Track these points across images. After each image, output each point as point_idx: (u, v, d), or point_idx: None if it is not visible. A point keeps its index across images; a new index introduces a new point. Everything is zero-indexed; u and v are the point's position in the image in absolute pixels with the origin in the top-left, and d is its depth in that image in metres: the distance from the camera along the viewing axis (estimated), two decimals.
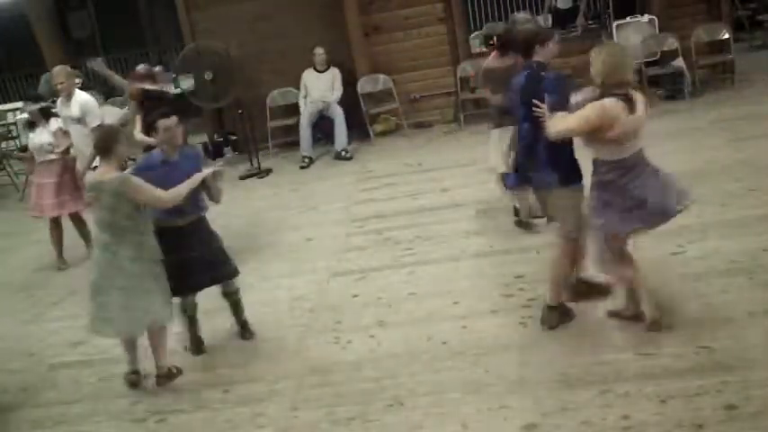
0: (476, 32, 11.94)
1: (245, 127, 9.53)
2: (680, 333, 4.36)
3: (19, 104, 12.86)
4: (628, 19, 9.67)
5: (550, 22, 11.96)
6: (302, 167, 9.21)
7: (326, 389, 4.45)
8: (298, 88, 9.82)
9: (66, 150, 6.88)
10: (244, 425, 4.26)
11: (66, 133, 6.90)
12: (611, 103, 4.03)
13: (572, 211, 4.46)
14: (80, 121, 6.79)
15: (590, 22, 11.31)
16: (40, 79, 12.18)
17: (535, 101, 4.22)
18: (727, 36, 9.50)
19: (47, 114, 6.99)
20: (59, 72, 6.99)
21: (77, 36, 10.82)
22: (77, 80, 10.71)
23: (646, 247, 5.29)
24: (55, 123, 6.96)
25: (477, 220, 6.58)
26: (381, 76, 9.98)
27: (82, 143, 6.67)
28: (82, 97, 6.87)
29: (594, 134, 4.08)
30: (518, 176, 4.91)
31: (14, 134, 12.06)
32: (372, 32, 10.08)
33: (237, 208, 5.94)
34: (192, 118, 12.15)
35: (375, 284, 5.68)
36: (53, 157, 6.88)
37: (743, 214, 5.72)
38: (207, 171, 4.81)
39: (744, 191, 6.11)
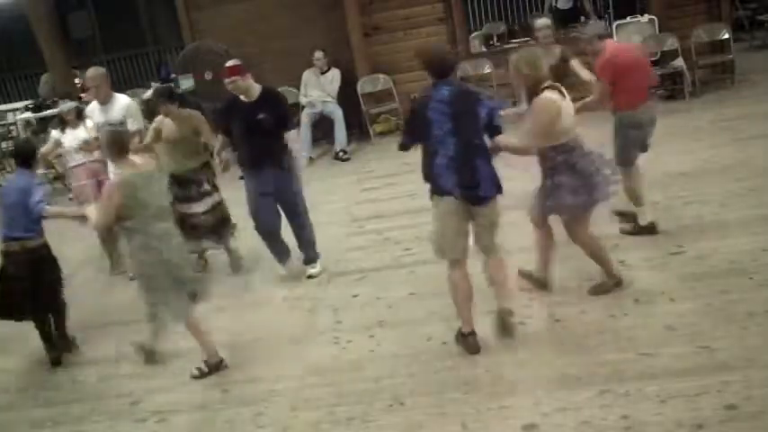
0: (476, 32, 11.98)
1: None
2: (680, 333, 4.37)
3: (19, 104, 12.88)
4: (628, 19, 9.67)
5: (550, 22, 11.98)
6: None
7: (326, 389, 4.45)
8: (298, 88, 9.81)
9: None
10: (244, 425, 4.26)
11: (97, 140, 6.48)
12: (551, 95, 4.53)
13: (498, 222, 4.49)
14: (121, 125, 6.13)
15: (590, 21, 11.32)
16: (40, 79, 12.21)
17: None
18: (727, 36, 9.50)
19: (80, 115, 6.60)
20: (96, 75, 6.43)
21: (77, 36, 10.81)
22: (77, 80, 10.76)
23: (646, 246, 5.31)
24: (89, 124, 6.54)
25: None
26: (381, 76, 9.98)
27: None
28: (124, 100, 6.44)
29: (551, 127, 4.55)
30: (462, 193, 4.35)
31: (14, 134, 12.05)
32: (372, 32, 10.07)
33: (237, 208, 5.93)
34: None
35: (375, 284, 5.68)
36: (92, 157, 6.43)
37: (743, 214, 5.72)
38: None
39: (744, 191, 6.11)
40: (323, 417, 4.17)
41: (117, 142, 4.73)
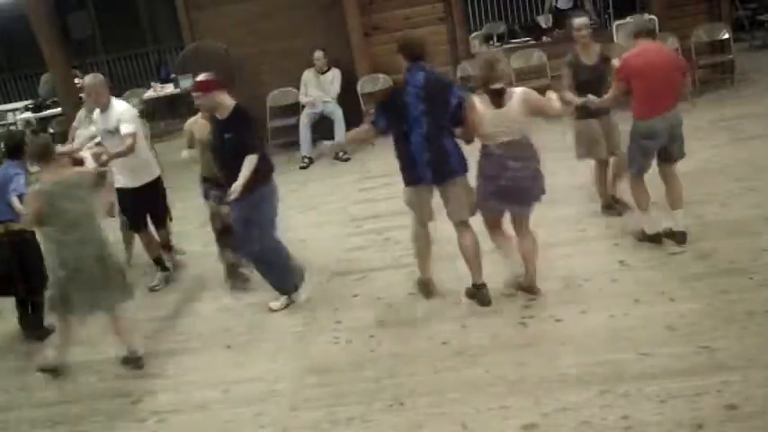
0: (476, 32, 11.98)
1: None
2: (680, 333, 4.37)
3: (19, 104, 12.89)
4: (628, 19, 9.65)
5: (551, 21, 12.00)
6: (302, 168, 9.20)
7: (326, 389, 4.45)
8: (298, 88, 9.81)
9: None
10: (244, 425, 4.26)
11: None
12: (474, 99, 4.83)
13: (471, 195, 5.00)
14: (117, 131, 5.92)
15: (591, 21, 11.32)
16: (40, 79, 12.23)
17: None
18: (727, 36, 9.49)
19: None
20: (91, 84, 6.06)
21: (77, 36, 10.80)
22: (76, 80, 10.76)
23: (646, 246, 5.31)
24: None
25: (477, 220, 6.57)
26: (381, 76, 9.96)
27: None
28: (120, 107, 6.03)
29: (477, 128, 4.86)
30: (430, 172, 4.87)
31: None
32: (372, 32, 10.06)
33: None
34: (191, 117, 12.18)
35: (375, 284, 5.68)
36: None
37: (743, 214, 5.72)
38: None
39: (744, 191, 6.11)
40: (323, 417, 4.17)
41: (40, 150, 4.93)
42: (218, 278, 6.24)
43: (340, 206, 7.54)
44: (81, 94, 10.10)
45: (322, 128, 9.74)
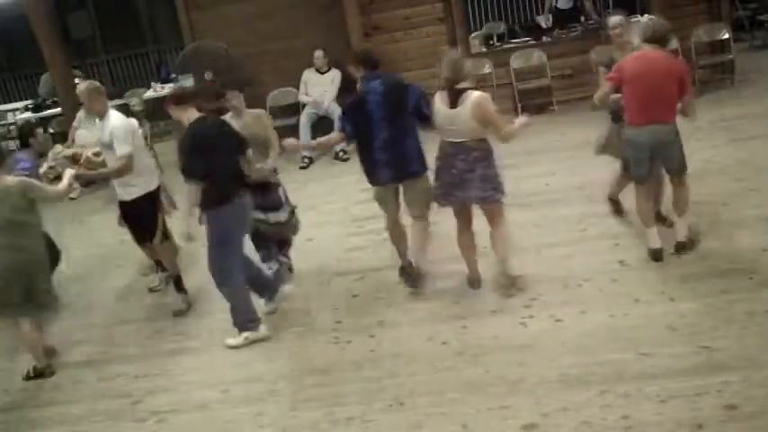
0: (476, 32, 11.97)
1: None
2: (680, 333, 4.37)
3: (19, 104, 12.88)
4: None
5: (551, 21, 11.99)
6: (302, 167, 9.19)
7: (326, 389, 4.45)
8: (298, 88, 9.81)
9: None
10: (244, 425, 4.26)
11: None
12: (436, 97, 5.02)
13: (429, 194, 5.24)
14: (111, 146, 5.60)
15: (591, 21, 11.31)
16: (41, 79, 12.22)
17: None
18: (727, 36, 9.49)
19: None
20: (83, 91, 5.81)
21: (77, 36, 10.79)
22: (76, 80, 10.75)
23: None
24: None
25: (477, 220, 6.57)
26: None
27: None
28: (113, 122, 5.60)
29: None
30: (391, 172, 5.19)
31: (14, 134, 12.05)
32: (372, 32, 10.06)
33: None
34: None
35: (375, 284, 5.68)
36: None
37: (743, 214, 5.72)
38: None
39: (744, 191, 6.11)
40: (323, 417, 4.17)
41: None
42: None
43: (340, 206, 7.54)
44: None
45: (322, 127, 9.74)
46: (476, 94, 4.89)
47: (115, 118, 5.61)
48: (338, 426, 4.09)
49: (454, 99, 4.87)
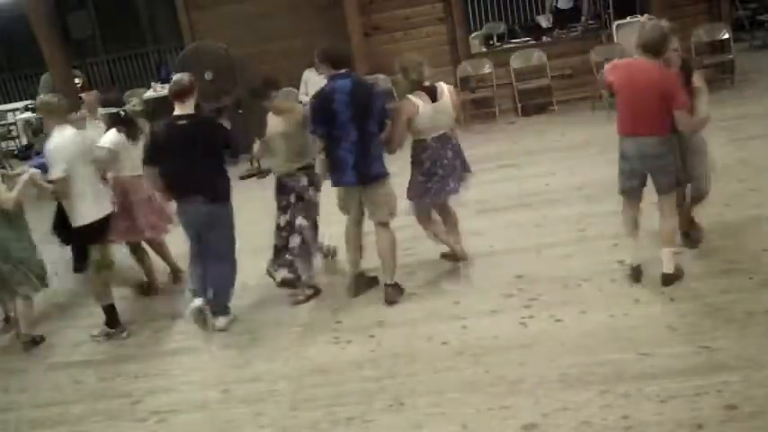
0: (476, 32, 11.98)
1: (245, 127, 9.51)
2: (680, 333, 4.37)
3: (19, 104, 12.89)
4: (628, 19, 9.67)
5: (551, 21, 11.99)
6: None
7: (326, 389, 4.45)
8: (298, 88, 9.81)
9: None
10: (244, 425, 4.26)
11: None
12: (408, 99, 5.14)
13: (392, 197, 5.29)
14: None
15: (590, 21, 11.31)
16: (41, 79, 12.21)
17: None
18: (727, 36, 9.50)
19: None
20: (40, 105, 5.68)
21: (77, 36, 10.79)
22: (77, 80, 10.74)
23: (646, 246, 5.30)
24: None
25: (478, 220, 6.58)
26: (381, 76, 9.97)
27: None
28: (53, 140, 5.30)
29: (410, 125, 5.15)
30: (355, 174, 5.16)
31: (14, 134, 12.06)
32: (372, 32, 10.07)
33: (237, 208, 5.92)
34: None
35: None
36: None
37: (743, 214, 5.72)
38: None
39: (744, 191, 6.11)
40: (323, 417, 4.17)
41: None
42: None
43: None
44: (81, 94, 10.11)
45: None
46: (445, 85, 5.28)
47: (56, 136, 5.28)
48: (338, 426, 4.09)
49: (433, 94, 5.16)
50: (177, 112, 5.25)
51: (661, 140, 4.76)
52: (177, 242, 5.96)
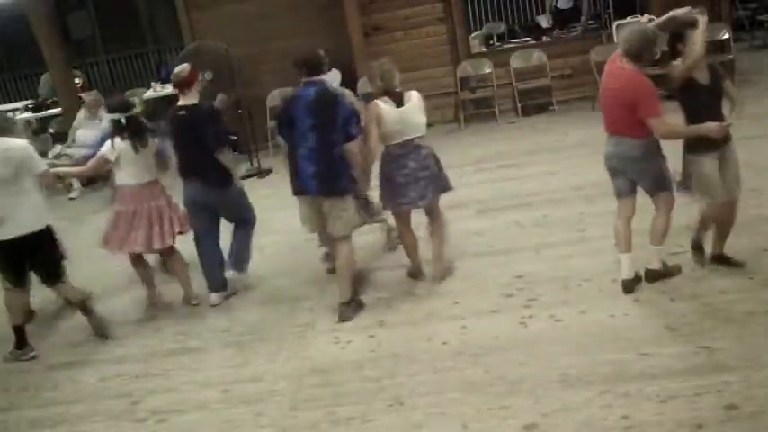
0: (476, 32, 11.98)
1: (245, 127, 9.53)
2: (680, 333, 4.37)
3: (19, 104, 12.88)
4: (628, 19, 9.67)
5: (551, 21, 12.00)
6: None
7: (326, 389, 4.45)
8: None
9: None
10: (244, 425, 4.26)
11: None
12: (380, 103, 5.09)
13: (348, 213, 5.12)
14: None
15: (590, 21, 11.32)
16: (41, 79, 12.22)
17: None
18: (727, 36, 9.50)
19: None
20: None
21: (77, 36, 10.80)
22: (77, 80, 10.74)
23: (646, 246, 5.30)
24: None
25: (478, 220, 6.59)
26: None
27: None
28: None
29: (373, 130, 5.06)
30: (316, 184, 5.04)
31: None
32: (372, 32, 10.07)
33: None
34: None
35: (375, 284, 5.68)
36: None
37: (743, 214, 5.69)
38: None
39: (744, 191, 6.05)
40: (323, 417, 4.17)
41: None
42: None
43: None
44: (81, 94, 10.12)
45: None
46: (415, 92, 5.20)
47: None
48: (338, 426, 4.09)
49: (399, 99, 5.10)
50: (180, 102, 5.63)
51: (637, 143, 4.69)
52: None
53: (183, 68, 5.63)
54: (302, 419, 4.20)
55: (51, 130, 10.85)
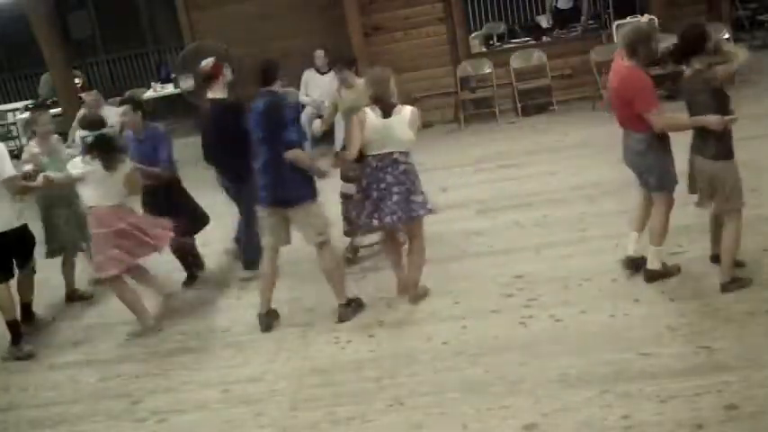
0: (476, 32, 11.98)
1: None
2: (680, 333, 4.37)
3: (19, 104, 12.88)
4: (628, 19, 9.66)
5: (551, 21, 12.00)
6: None
7: (326, 389, 4.45)
8: (298, 88, 9.81)
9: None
10: (244, 425, 4.26)
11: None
12: (367, 111, 4.91)
13: (318, 218, 5.09)
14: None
15: (590, 21, 11.31)
16: (40, 79, 12.22)
17: None
18: (727, 36, 9.49)
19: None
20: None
21: (77, 36, 10.80)
22: (77, 80, 10.74)
23: (646, 246, 5.30)
24: None
25: (478, 220, 6.58)
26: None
27: None
28: None
29: (355, 139, 4.91)
30: (269, 196, 5.04)
31: (14, 134, 12.05)
32: (372, 32, 10.07)
33: (237, 208, 5.94)
34: (191, 118, 12.16)
35: (375, 284, 5.68)
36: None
37: (743, 214, 5.71)
38: None
39: (744, 191, 6.08)
40: (323, 417, 4.17)
41: None
42: (218, 277, 6.26)
43: (339, 207, 7.52)
44: (81, 94, 10.12)
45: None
46: (408, 107, 5.01)
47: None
48: (338, 426, 4.09)
49: (388, 110, 4.92)
50: (208, 95, 5.86)
51: (640, 137, 4.79)
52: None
53: (206, 62, 5.78)
54: (302, 419, 4.20)
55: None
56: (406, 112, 4.97)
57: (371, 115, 4.93)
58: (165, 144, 5.95)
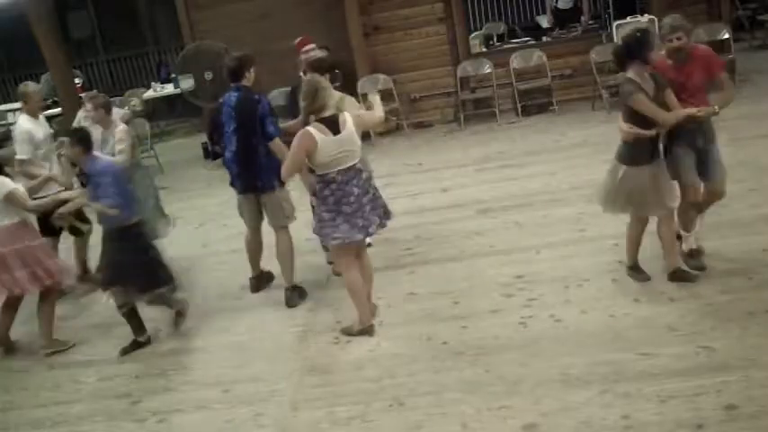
0: (476, 32, 11.98)
1: None
2: (680, 333, 4.37)
3: (19, 104, 12.87)
4: (628, 19, 9.66)
5: (551, 21, 12.00)
6: None
7: (326, 389, 4.45)
8: (298, 88, 9.81)
9: None
10: (244, 425, 4.26)
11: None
12: (307, 131, 4.58)
13: (287, 203, 5.52)
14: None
15: (590, 21, 11.32)
16: (40, 79, 12.22)
17: None
18: (727, 36, 9.49)
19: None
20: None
21: (77, 36, 10.82)
22: (77, 80, 10.73)
23: (645, 246, 5.30)
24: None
25: (477, 220, 6.58)
26: (381, 76, 9.98)
27: None
28: None
29: (310, 158, 4.62)
30: (243, 183, 5.47)
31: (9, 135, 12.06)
32: (372, 32, 10.07)
33: (236, 208, 5.93)
34: (191, 118, 12.18)
35: (375, 284, 5.65)
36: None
37: (743, 214, 5.72)
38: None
39: (744, 191, 6.10)
40: (323, 417, 4.17)
41: None
42: (217, 277, 6.26)
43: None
44: (81, 94, 10.12)
45: None
46: (348, 114, 4.74)
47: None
48: (338, 426, 4.09)
49: (334, 126, 4.59)
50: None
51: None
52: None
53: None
54: (302, 419, 4.20)
55: (51, 131, 10.82)
56: (349, 122, 4.67)
57: (321, 138, 4.54)
58: (111, 181, 5.09)
